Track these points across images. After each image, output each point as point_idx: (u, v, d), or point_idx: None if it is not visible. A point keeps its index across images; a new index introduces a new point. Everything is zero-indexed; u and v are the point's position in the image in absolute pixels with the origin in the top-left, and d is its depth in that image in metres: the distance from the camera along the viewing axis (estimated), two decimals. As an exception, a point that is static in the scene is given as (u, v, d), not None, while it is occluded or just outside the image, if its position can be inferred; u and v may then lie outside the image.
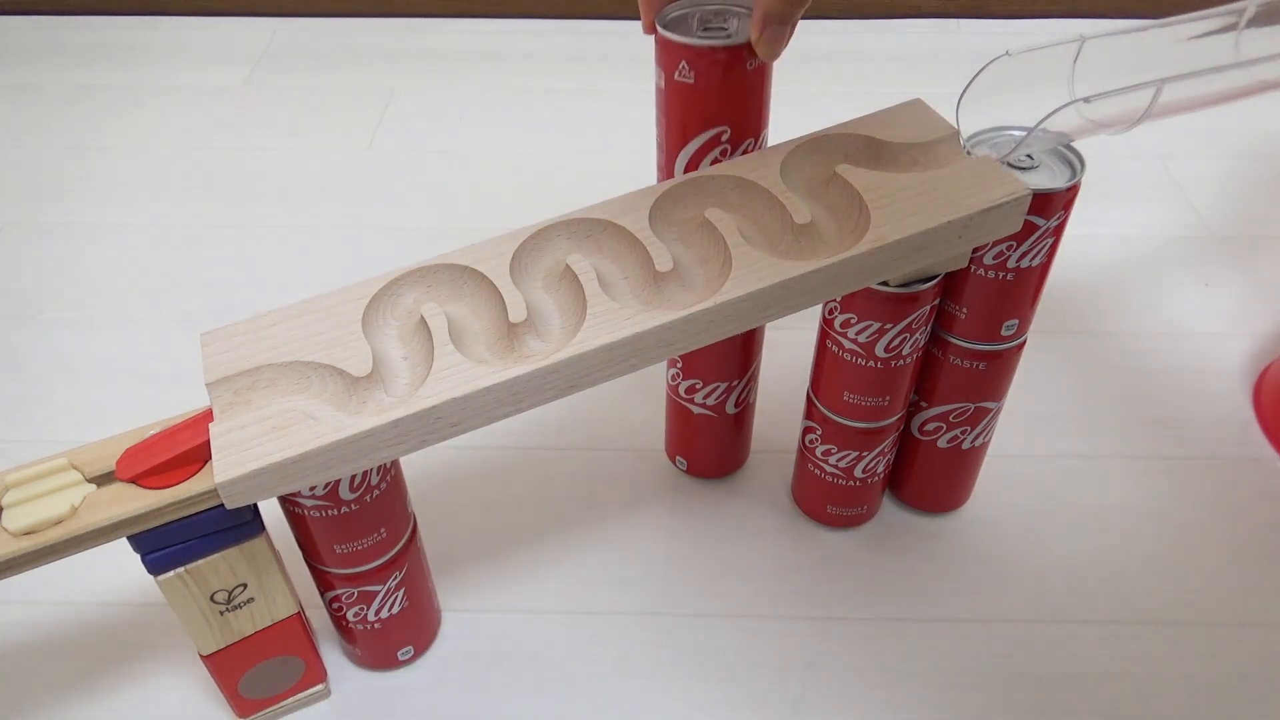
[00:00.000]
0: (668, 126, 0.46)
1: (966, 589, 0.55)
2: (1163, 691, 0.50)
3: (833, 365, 0.50)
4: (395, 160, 0.88)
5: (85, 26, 1.07)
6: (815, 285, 0.41)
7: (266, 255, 0.78)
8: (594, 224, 0.43)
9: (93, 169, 0.87)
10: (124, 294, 0.74)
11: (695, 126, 0.45)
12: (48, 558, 0.37)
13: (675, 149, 0.46)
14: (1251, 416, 0.64)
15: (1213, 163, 0.86)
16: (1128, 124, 0.41)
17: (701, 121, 0.45)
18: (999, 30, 1.05)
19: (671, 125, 0.45)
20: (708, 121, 0.45)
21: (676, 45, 0.42)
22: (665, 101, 0.45)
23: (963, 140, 0.45)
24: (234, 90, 0.97)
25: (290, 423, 0.37)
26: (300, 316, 0.40)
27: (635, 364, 0.40)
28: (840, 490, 0.55)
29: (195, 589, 0.41)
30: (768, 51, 0.42)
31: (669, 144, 0.46)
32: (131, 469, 0.38)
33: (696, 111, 0.44)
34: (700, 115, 0.44)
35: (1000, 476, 0.60)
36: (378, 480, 0.42)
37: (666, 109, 0.45)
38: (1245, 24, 0.44)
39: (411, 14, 1.08)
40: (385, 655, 0.51)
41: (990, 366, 0.50)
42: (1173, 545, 0.57)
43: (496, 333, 0.40)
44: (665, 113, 0.45)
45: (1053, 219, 0.44)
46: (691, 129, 0.45)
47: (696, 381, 0.55)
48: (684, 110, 0.45)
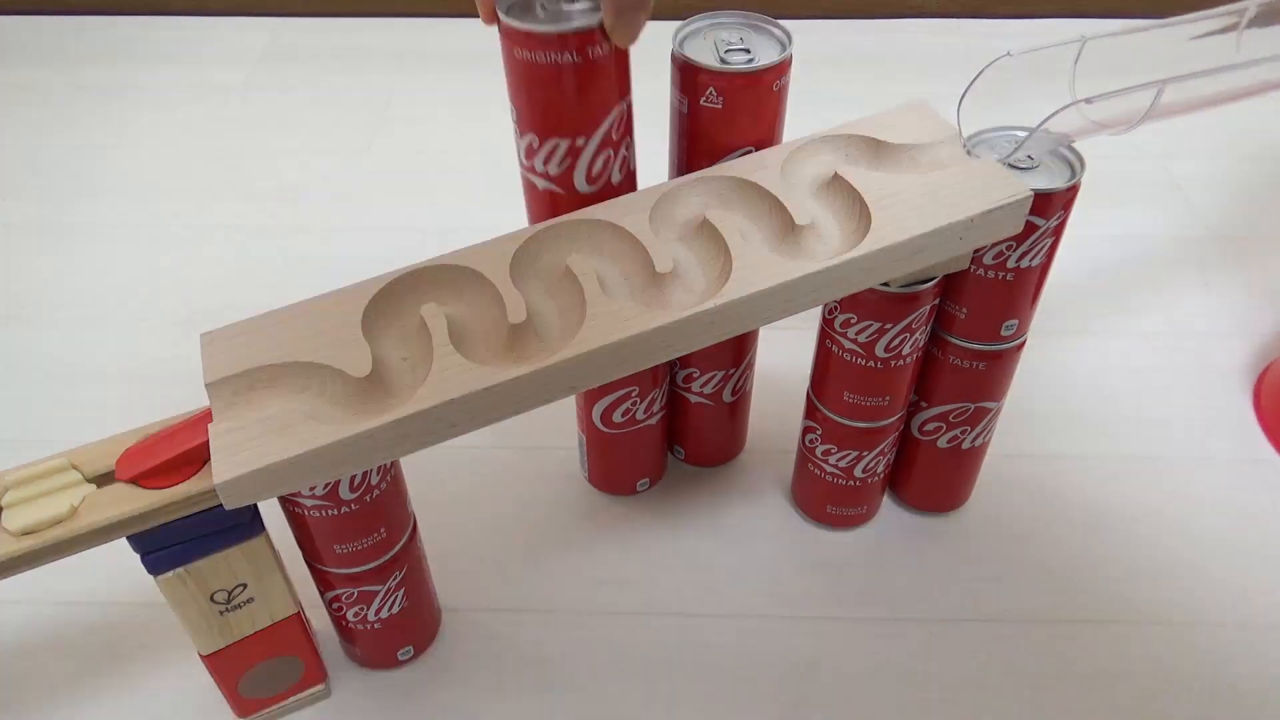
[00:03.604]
0: (689, 149, 0.46)
1: (966, 589, 0.55)
2: (1163, 691, 0.50)
3: (833, 365, 0.50)
4: (395, 160, 0.88)
5: (85, 26, 1.07)
6: (816, 287, 0.41)
7: (266, 255, 0.78)
8: (594, 224, 0.43)
9: (93, 169, 0.87)
10: (124, 294, 0.74)
11: (721, 150, 0.45)
12: (48, 558, 0.37)
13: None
14: (1251, 416, 0.65)
15: (1213, 163, 0.86)
16: (1129, 124, 0.41)
17: (727, 145, 0.45)
18: (1000, 30, 1.05)
19: (694, 148, 0.46)
20: (733, 144, 0.45)
21: (703, 71, 0.42)
22: (687, 125, 0.45)
23: (964, 141, 0.45)
24: (234, 90, 0.97)
25: (290, 423, 0.37)
26: (300, 316, 0.40)
27: (635, 365, 0.40)
28: (840, 490, 0.55)
29: (195, 589, 0.41)
30: (624, 36, 0.39)
31: (690, 167, 0.46)
32: (131, 469, 0.38)
33: (723, 135, 0.45)
34: (726, 139, 0.45)
35: (1000, 476, 0.60)
36: (378, 480, 0.42)
37: (689, 132, 0.45)
38: (1246, 24, 0.44)
39: (411, 14, 1.08)
40: (385, 655, 0.51)
41: (990, 366, 0.50)
42: (1173, 545, 0.57)
43: (496, 333, 0.40)
44: (686, 135, 0.45)
45: (1053, 219, 0.44)
46: (717, 152, 0.45)
47: (693, 370, 0.55)
48: (710, 134, 0.45)
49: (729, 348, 0.54)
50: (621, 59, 0.42)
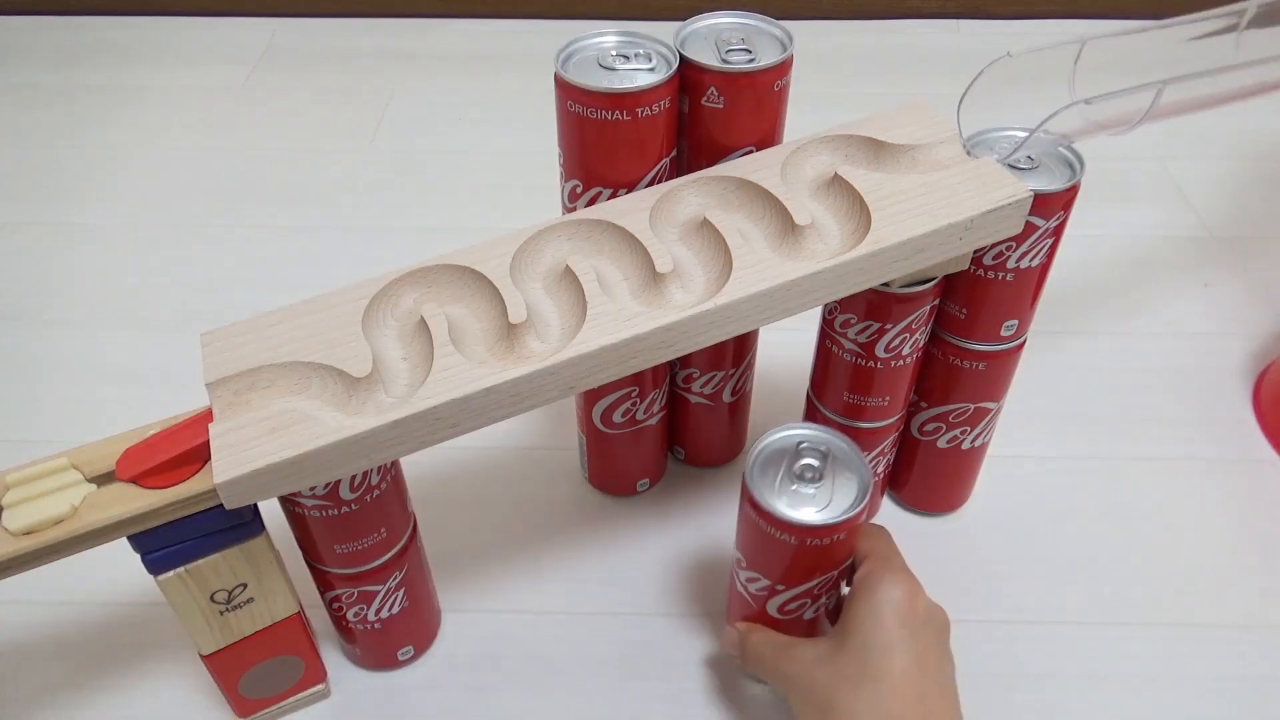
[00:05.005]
0: (690, 149, 0.46)
1: (966, 589, 0.55)
2: (1163, 691, 0.50)
3: (833, 365, 0.50)
4: (395, 160, 0.88)
5: (85, 26, 1.07)
6: (816, 287, 0.41)
7: (266, 255, 0.78)
8: (594, 224, 0.43)
9: (93, 169, 0.87)
10: (124, 294, 0.74)
11: (721, 150, 0.45)
12: (48, 558, 0.37)
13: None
14: (1251, 416, 0.65)
15: (1213, 163, 0.86)
16: (1129, 125, 0.41)
17: (728, 145, 0.45)
18: (999, 31, 1.05)
19: (695, 148, 0.46)
20: (734, 144, 0.45)
21: (704, 70, 0.42)
22: (688, 125, 0.45)
23: (964, 141, 0.45)
24: (234, 90, 0.97)
25: (290, 423, 0.37)
26: (300, 316, 0.40)
27: (635, 365, 0.40)
28: (840, 490, 0.55)
29: (195, 589, 0.41)
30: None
31: (690, 167, 0.46)
32: (131, 469, 0.38)
33: (724, 135, 0.45)
34: (727, 139, 0.45)
35: (1000, 476, 0.60)
36: (378, 480, 0.42)
37: (690, 132, 0.45)
38: (1246, 25, 0.44)
39: (411, 14, 1.08)
40: (385, 655, 0.51)
41: (990, 366, 0.50)
42: (1173, 545, 0.57)
43: (496, 333, 0.40)
44: (687, 135, 0.45)
45: (1052, 219, 0.44)
46: (718, 152, 0.45)
47: (693, 370, 0.55)
48: (711, 134, 0.45)
49: (729, 348, 0.54)
50: (670, 120, 0.43)
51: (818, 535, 0.41)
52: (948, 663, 0.42)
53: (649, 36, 0.44)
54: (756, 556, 0.44)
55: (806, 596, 0.44)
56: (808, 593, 0.44)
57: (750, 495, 0.42)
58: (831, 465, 0.43)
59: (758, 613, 0.46)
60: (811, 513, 0.41)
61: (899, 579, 0.42)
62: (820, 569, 0.43)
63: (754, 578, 0.45)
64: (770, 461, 0.43)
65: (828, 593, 0.45)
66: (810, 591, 0.44)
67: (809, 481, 0.42)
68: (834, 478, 0.43)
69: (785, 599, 0.44)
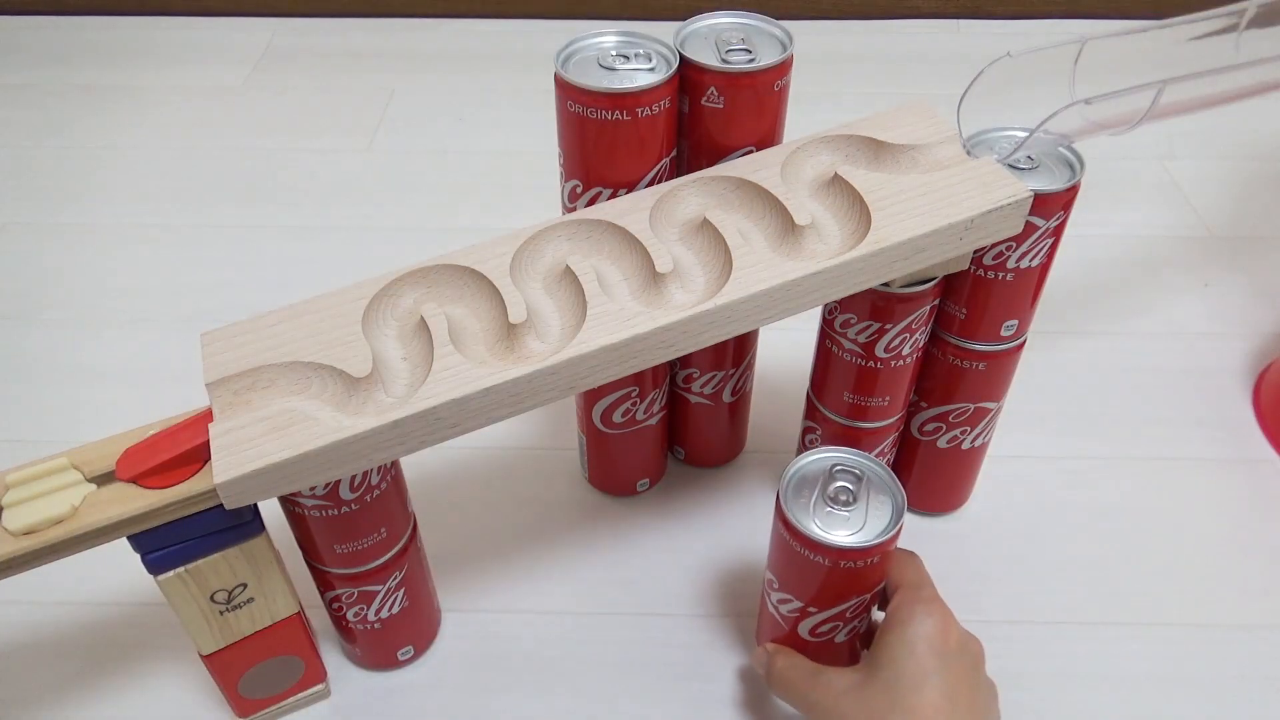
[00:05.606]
0: (690, 149, 0.46)
1: (966, 589, 0.55)
2: (1163, 692, 0.50)
3: (833, 365, 0.50)
4: (395, 160, 0.88)
5: (85, 26, 1.07)
6: (816, 287, 0.41)
7: (266, 255, 0.78)
8: (594, 224, 0.43)
9: (93, 169, 0.87)
10: (124, 294, 0.74)
11: (722, 150, 0.45)
12: (48, 558, 0.37)
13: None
14: (1251, 416, 0.65)
15: (1213, 163, 0.86)
16: (1129, 125, 0.41)
17: (728, 145, 0.45)
18: (999, 31, 1.05)
19: (695, 148, 0.46)
20: (734, 144, 0.45)
21: (704, 70, 0.42)
22: (688, 124, 0.45)
23: (964, 141, 0.45)
24: (234, 90, 0.97)
25: (290, 423, 0.37)
26: (300, 316, 0.40)
27: (635, 365, 0.40)
28: (840, 490, 0.55)
29: (195, 589, 0.41)
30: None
31: (690, 167, 0.46)
32: (131, 469, 0.38)
33: (724, 135, 0.45)
34: (727, 138, 0.45)
35: (1000, 476, 0.60)
36: (378, 480, 0.42)
37: (690, 131, 0.45)
38: (1245, 25, 0.44)
39: (411, 14, 1.08)
40: (385, 655, 0.51)
41: (990, 366, 0.50)
42: (1173, 545, 0.57)
43: (496, 333, 0.40)
44: (687, 135, 0.45)
45: (1052, 219, 0.44)
46: (718, 152, 0.45)
47: (693, 370, 0.55)
48: (711, 134, 0.45)
49: (729, 348, 0.54)
50: (670, 120, 0.43)
51: (851, 557, 0.41)
52: (981, 693, 0.42)
53: (649, 36, 0.44)
54: (789, 578, 0.44)
55: (839, 619, 0.44)
56: (840, 615, 0.44)
57: (784, 516, 0.42)
58: (865, 488, 0.43)
59: (789, 634, 0.46)
60: (845, 535, 0.41)
61: (931, 609, 0.41)
62: (853, 592, 0.43)
63: (786, 599, 0.44)
64: (804, 484, 0.43)
65: (860, 616, 0.44)
66: (842, 614, 0.44)
67: (843, 504, 0.42)
68: (868, 501, 0.42)
69: (817, 621, 0.44)
